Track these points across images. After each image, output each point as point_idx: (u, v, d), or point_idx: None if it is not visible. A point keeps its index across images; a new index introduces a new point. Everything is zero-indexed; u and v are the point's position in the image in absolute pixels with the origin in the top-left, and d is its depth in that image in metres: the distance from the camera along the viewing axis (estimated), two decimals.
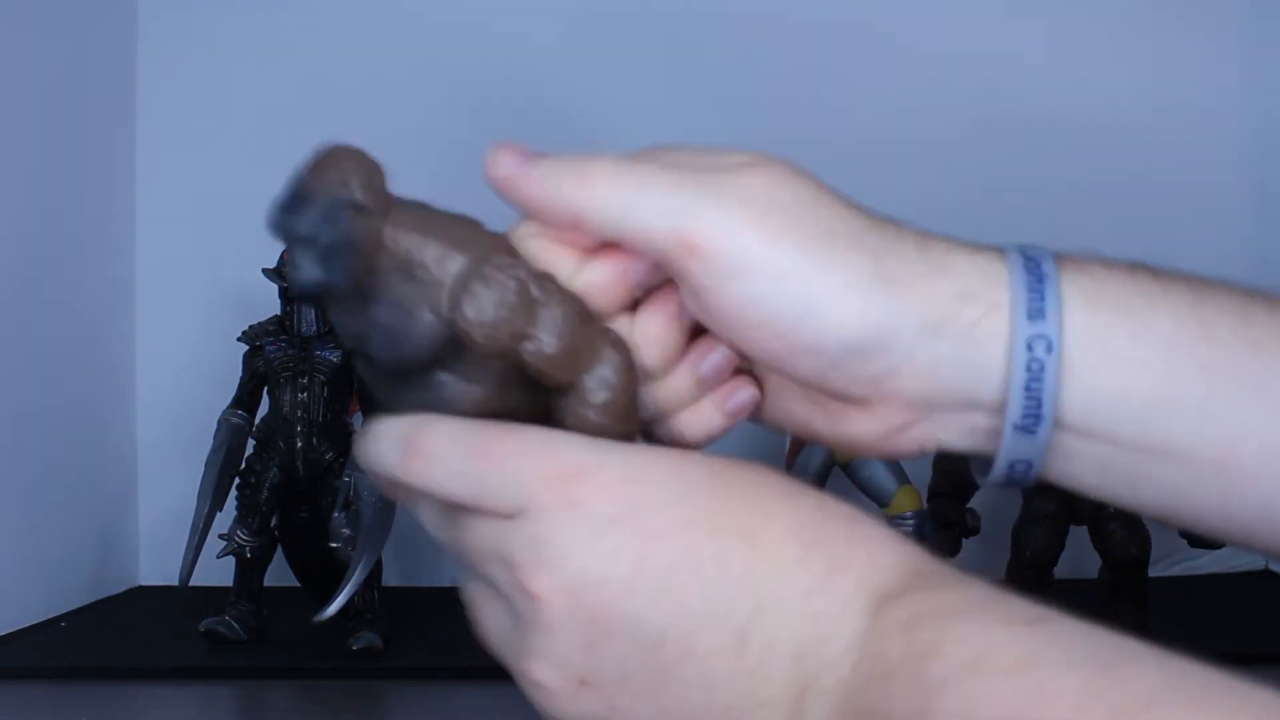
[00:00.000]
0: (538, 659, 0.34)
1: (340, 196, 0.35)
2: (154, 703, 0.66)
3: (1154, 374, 0.37)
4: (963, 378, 0.37)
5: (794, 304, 0.35)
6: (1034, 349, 0.36)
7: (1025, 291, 0.36)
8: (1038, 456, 0.37)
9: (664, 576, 0.33)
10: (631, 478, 0.34)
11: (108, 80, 0.94)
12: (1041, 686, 0.28)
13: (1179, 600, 0.83)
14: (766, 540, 0.34)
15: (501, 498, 0.34)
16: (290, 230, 0.36)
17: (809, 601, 0.33)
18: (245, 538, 0.75)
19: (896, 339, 0.36)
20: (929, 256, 0.36)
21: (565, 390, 0.36)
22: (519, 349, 0.35)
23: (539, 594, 0.34)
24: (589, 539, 0.34)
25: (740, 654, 0.33)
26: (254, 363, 0.77)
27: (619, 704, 0.34)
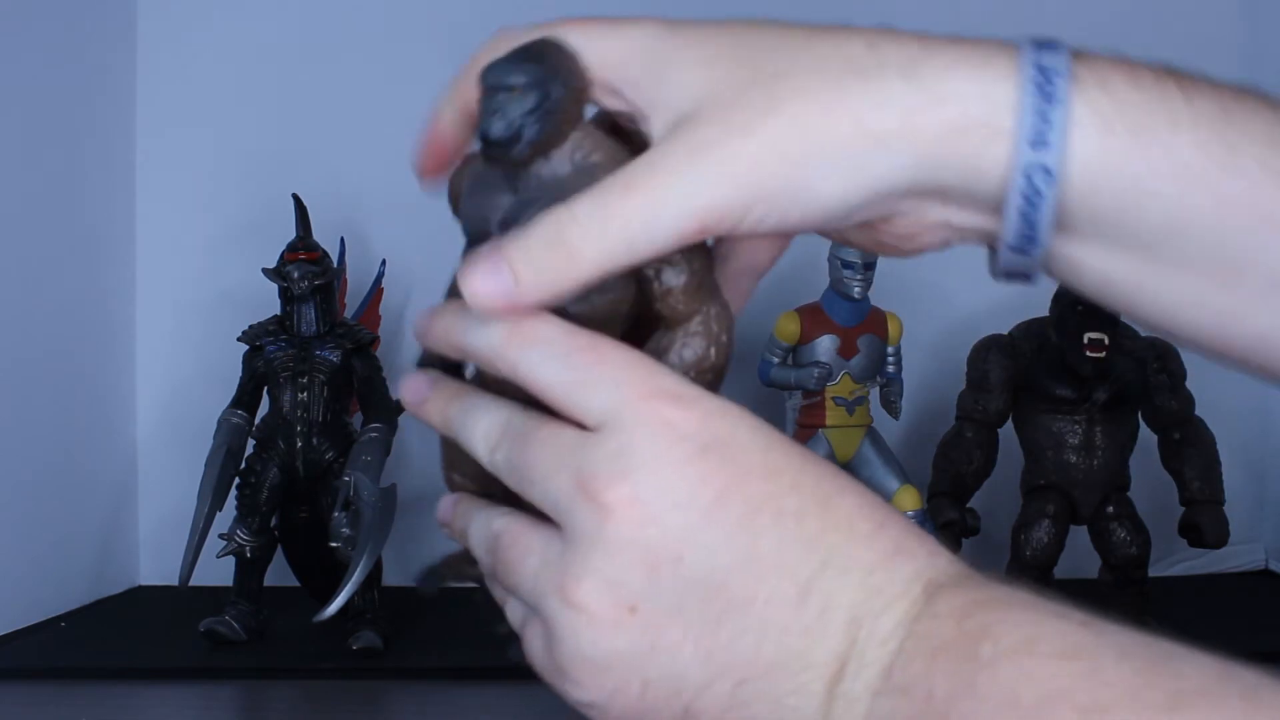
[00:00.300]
0: (588, 578, 0.33)
1: (566, 67, 0.36)
2: (154, 703, 0.66)
3: (1165, 203, 0.36)
4: (968, 195, 0.36)
5: (800, 209, 0.35)
6: (1033, 178, 0.35)
7: (1030, 116, 0.35)
8: (1034, 270, 0.38)
9: (745, 515, 0.33)
10: (726, 414, 0.34)
11: (108, 80, 0.94)
12: (1096, 672, 0.28)
13: (1179, 600, 0.83)
14: (841, 509, 0.34)
15: (595, 399, 0.34)
16: (505, 76, 0.36)
17: (872, 575, 0.33)
18: (245, 538, 0.75)
19: (896, 188, 0.36)
20: (921, 82, 0.35)
21: (671, 327, 0.37)
22: (658, 268, 0.36)
23: (613, 504, 0.33)
24: (678, 460, 0.33)
25: (799, 609, 0.33)
26: (254, 363, 0.77)
27: (662, 641, 0.33)
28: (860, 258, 0.71)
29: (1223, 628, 0.77)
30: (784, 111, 0.35)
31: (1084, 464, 0.76)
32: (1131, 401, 0.77)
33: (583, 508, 0.33)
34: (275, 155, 0.95)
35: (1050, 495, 0.76)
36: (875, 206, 0.37)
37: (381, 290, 0.90)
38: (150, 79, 0.96)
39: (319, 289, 0.76)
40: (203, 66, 0.96)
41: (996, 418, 0.78)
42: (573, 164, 0.36)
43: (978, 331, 0.81)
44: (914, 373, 0.91)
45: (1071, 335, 0.74)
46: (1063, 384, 0.76)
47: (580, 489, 0.33)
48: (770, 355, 0.72)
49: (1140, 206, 0.36)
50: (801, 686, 0.32)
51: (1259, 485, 0.93)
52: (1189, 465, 0.78)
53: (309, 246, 0.77)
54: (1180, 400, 0.78)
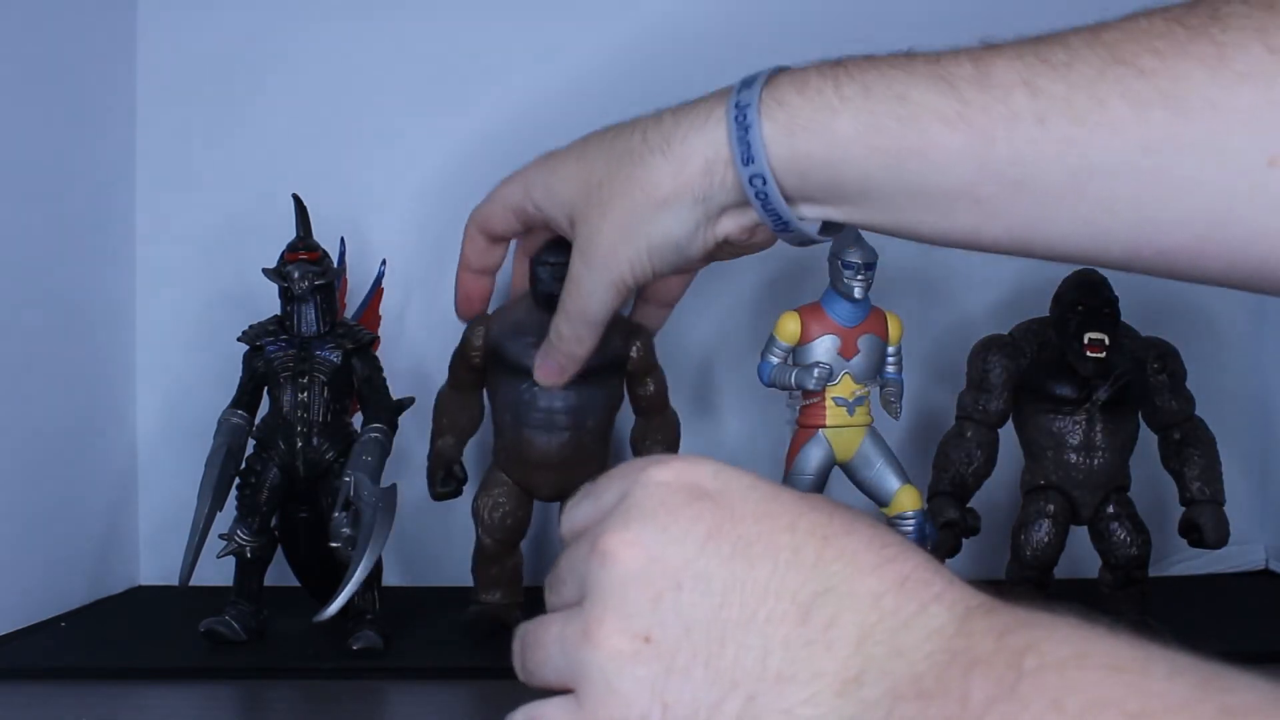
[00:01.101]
0: (606, 617, 0.36)
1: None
2: (154, 703, 0.66)
3: (850, 168, 0.52)
4: (740, 204, 0.56)
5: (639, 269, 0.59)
6: (755, 184, 0.54)
7: (737, 145, 0.53)
8: (807, 235, 0.57)
9: (739, 548, 0.36)
10: (720, 471, 0.38)
11: (108, 79, 0.94)
12: (1145, 683, 0.28)
13: (1179, 600, 0.84)
14: (843, 545, 0.36)
15: (606, 495, 0.40)
16: (551, 257, 0.71)
17: (881, 600, 0.34)
18: (245, 538, 0.75)
19: (697, 223, 0.57)
20: (673, 153, 0.55)
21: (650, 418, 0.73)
22: None
23: (616, 549, 0.36)
24: (673, 507, 0.37)
25: (802, 625, 0.34)
26: (254, 363, 0.77)
27: (676, 664, 0.35)
28: (861, 258, 0.70)
29: (1223, 628, 0.77)
30: (608, 210, 0.57)
31: (1084, 464, 0.76)
32: (1132, 401, 0.77)
33: (593, 562, 0.37)
34: (275, 155, 0.95)
35: (1050, 495, 0.76)
36: (700, 238, 0.57)
37: (381, 290, 0.90)
38: (150, 76, 0.96)
39: (319, 289, 0.76)
40: (203, 64, 0.96)
41: (997, 418, 0.78)
42: None
43: (978, 331, 0.81)
44: (914, 373, 0.91)
45: (1071, 335, 0.74)
46: (1063, 384, 0.76)
47: (592, 550, 0.37)
48: (770, 355, 0.72)
49: (836, 175, 0.53)
50: (813, 696, 0.33)
51: (1259, 485, 0.93)
52: (1189, 465, 0.78)
53: (309, 246, 0.77)
54: (1181, 400, 0.78)
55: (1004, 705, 0.29)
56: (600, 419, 0.75)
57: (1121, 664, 0.29)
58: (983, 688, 0.30)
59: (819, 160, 0.53)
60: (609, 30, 0.95)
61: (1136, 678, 0.29)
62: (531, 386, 0.73)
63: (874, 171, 0.52)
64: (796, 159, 0.53)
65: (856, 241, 0.70)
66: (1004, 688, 0.30)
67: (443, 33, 0.95)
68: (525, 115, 0.95)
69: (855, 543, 0.36)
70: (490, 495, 0.76)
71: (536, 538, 0.81)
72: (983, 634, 0.32)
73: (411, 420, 0.80)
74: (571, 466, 0.75)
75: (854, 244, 0.70)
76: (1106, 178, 0.48)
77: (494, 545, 0.76)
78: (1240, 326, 0.94)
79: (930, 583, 0.34)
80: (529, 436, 0.74)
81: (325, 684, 0.68)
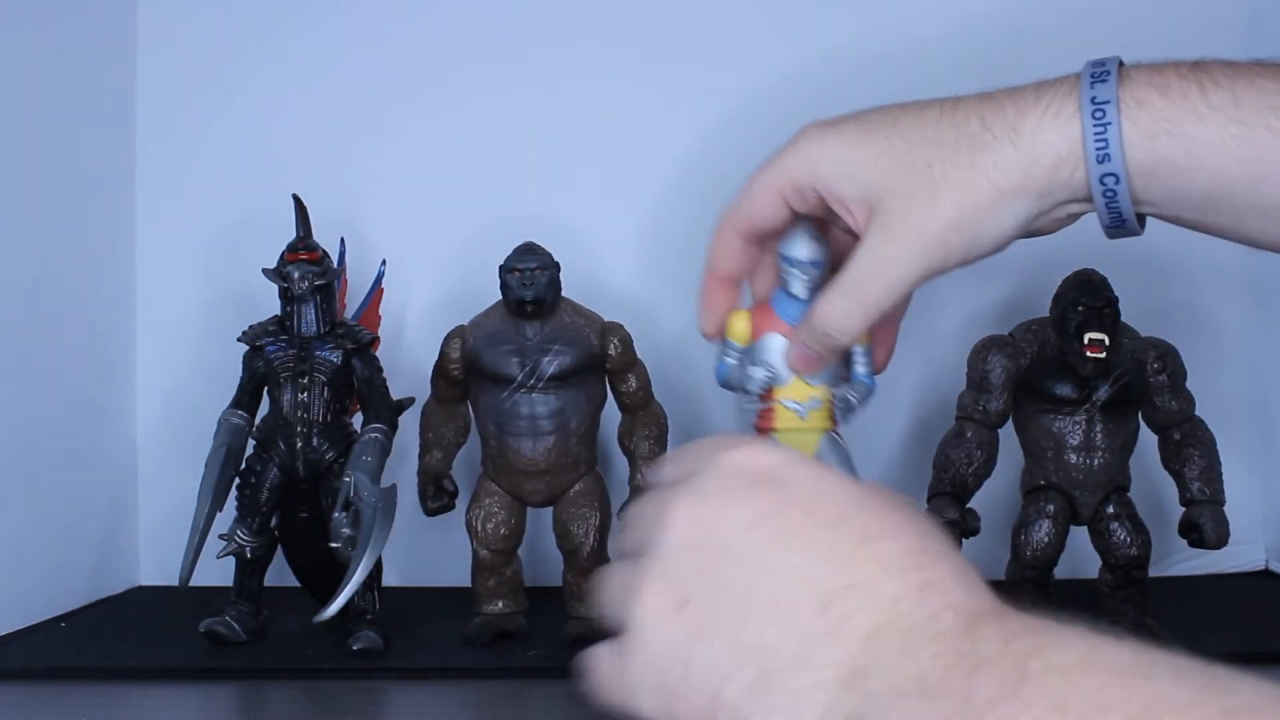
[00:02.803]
0: (654, 579, 0.39)
1: None
2: (154, 703, 0.66)
3: (1206, 175, 0.52)
4: (1076, 200, 0.55)
5: (975, 251, 0.57)
6: (1106, 183, 0.53)
7: (1093, 143, 0.52)
8: (1133, 231, 0.56)
9: (780, 534, 0.38)
10: (791, 462, 0.41)
11: (107, 78, 0.94)
12: (1148, 686, 0.29)
13: (1179, 600, 0.83)
14: (879, 549, 0.37)
15: (692, 467, 0.42)
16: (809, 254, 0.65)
17: (899, 603, 0.36)
18: (245, 538, 0.75)
19: (1030, 218, 0.55)
20: (1023, 144, 0.53)
21: None
22: None
23: (676, 519, 0.40)
24: (733, 488, 0.40)
25: (820, 615, 0.36)
26: (254, 363, 0.77)
27: (703, 631, 0.38)
28: (806, 255, 0.65)
29: (1223, 628, 0.77)
30: (943, 194, 0.55)
31: (1084, 464, 0.76)
32: (1132, 401, 0.77)
33: (656, 525, 0.41)
34: (275, 155, 0.95)
35: (1050, 495, 0.76)
36: (1020, 231, 0.56)
37: (381, 290, 0.90)
38: (150, 78, 0.96)
39: (319, 289, 0.76)
40: (203, 64, 0.96)
41: (997, 418, 0.78)
42: None
43: (978, 331, 0.81)
44: (914, 373, 0.91)
45: (1071, 335, 0.74)
46: (1063, 384, 0.76)
47: (658, 514, 0.41)
48: (725, 356, 0.66)
49: (1189, 181, 0.52)
50: (819, 682, 0.35)
51: (1259, 485, 0.93)
52: (1189, 465, 0.78)
53: (309, 246, 0.77)
54: (1181, 400, 0.78)
55: (1006, 706, 0.30)
56: (584, 421, 0.75)
57: (1125, 668, 0.30)
58: (986, 689, 0.31)
59: (1177, 166, 0.52)
60: (605, 31, 0.95)
61: (1140, 681, 0.29)
62: (513, 394, 0.73)
63: (1236, 183, 0.51)
64: (1153, 163, 0.52)
65: (803, 238, 0.64)
66: (1007, 690, 0.30)
67: (442, 33, 0.95)
68: (525, 116, 0.95)
69: (892, 547, 0.37)
70: (482, 506, 0.76)
71: (532, 542, 0.81)
72: (989, 638, 0.33)
73: (411, 420, 0.80)
74: (559, 471, 0.75)
75: (800, 240, 0.64)
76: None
77: (490, 556, 0.76)
78: (1240, 326, 0.94)
79: (949, 591, 0.36)
80: (514, 444, 0.74)
81: (325, 684, 0.68)
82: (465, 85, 0.95)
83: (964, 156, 0.54)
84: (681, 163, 0.93)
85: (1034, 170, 0.53)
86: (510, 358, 0.74)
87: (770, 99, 0.93)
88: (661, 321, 0.88)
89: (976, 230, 0.55)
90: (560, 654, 0.72)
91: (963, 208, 0.54)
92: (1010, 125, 0.54)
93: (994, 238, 0.55)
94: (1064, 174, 0.53)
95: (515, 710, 0.64)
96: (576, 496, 0.76)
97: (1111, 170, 0.52)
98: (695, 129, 0.94)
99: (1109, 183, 0.53)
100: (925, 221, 0.55)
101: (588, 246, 0.91)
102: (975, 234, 0.55)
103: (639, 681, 0.40)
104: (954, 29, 0.93)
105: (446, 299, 0.92)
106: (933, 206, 0.55)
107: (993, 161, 0.54)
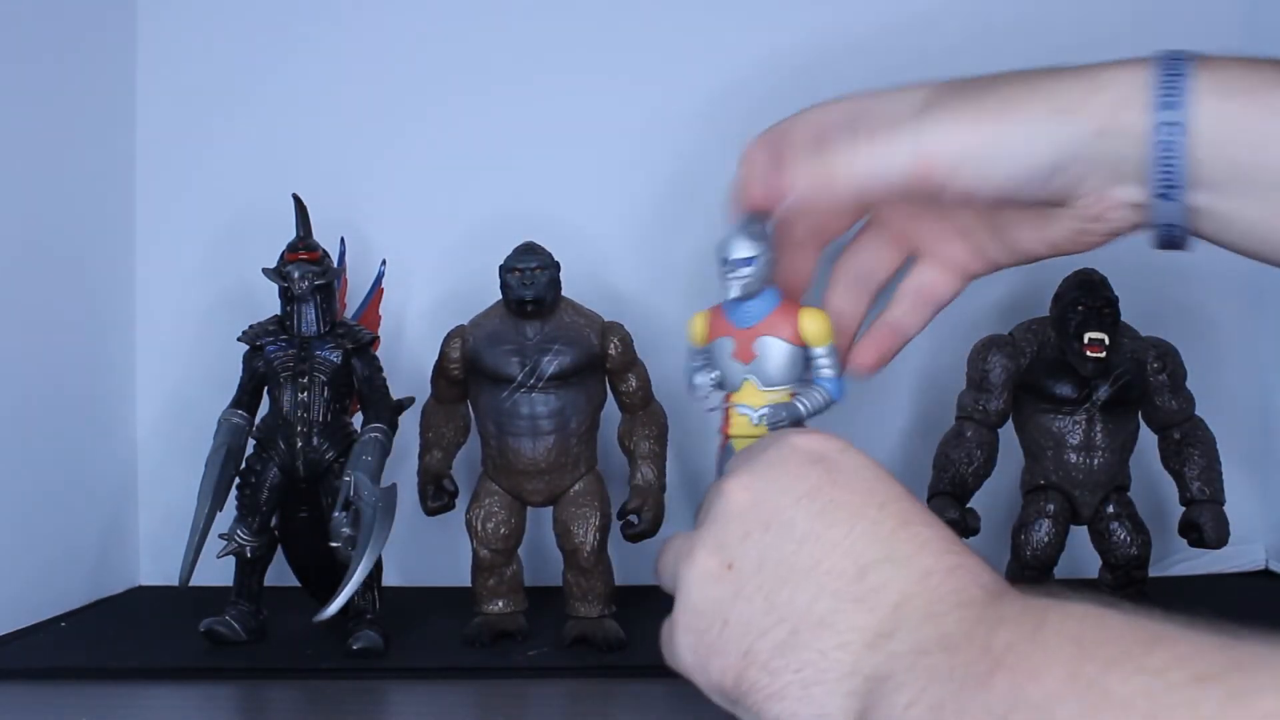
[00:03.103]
0: (705, 545, 0.43)
1: None
2: (154, 703, 0.66)
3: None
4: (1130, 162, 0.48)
5: (1008, 166, 0.49)
6: (1166, 132, 0.47)
7: (1160, 86, 0.47)
8: (1182, 219, 0.49)
9: (827, 507, 0.41)
10: (846, 449, 0.44)
11: (107, 77, 0.94)
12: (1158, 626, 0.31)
13: (1179, 600, 0.83)
14: (918, 532, 0.40)
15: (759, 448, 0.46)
16: None
17: (930, 577, 0.38)
18: (245, 538, 0.75)
19: (1079, 150, 0.49)
20: (1087, 76, 0.49)
21: None
22: None
23: (732, 489, 0.43)
24: (789, 463, 0.43)
25: (855, 583, 0.39)
26: (254, 363, 0.77)
27: (744, 591, 0.41)
28: (739, 252, 0.61)
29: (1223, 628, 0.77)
30: (989, 101, 0.50)
31: (1084, 464, 0.76)
32: (1132, 401, 0.77)
33: (714, 495, 0.44)
34: (275, 155, 0.95)
35: (1050, 495, 0.76)
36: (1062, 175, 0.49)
37: (381, 290, 0.90)
38: (150, 76, 0.96)
39: (319, 289, 0.76)
40: (203, 64, 0.96)
41: (997, 418, 0.78)
42: None
43: (978, 331, 0.81)
44: (913, 372, 0.91)
45: (1071, 335, 0.74)
46: (1063, 384, 0.76)
47: (718, 491, 0.44)
48: (691, 359, 0.64)
49: (1261, 155, 0.46)
50: (845, 643, 0.38)
51: (1259, 485, 0.93)
52: (1189, 465, 0.78)
53: (309, 246, 0.77)
54: (1181, 400, 0.78)
55: (1023, 646, 0.32)
56: (584, 420, 0.75)
57: (1137, 618, 0.32)
58: (1005, 637, 0.33)
59: (1248, 132, 0.46)
60: (605, 31, 0.95)
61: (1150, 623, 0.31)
62: (513, 394, 0.73)
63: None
64: (1226, 124, 0.47)
65: (736, 234, 0.61)
66: (1024, 634, 0.32)
67: (442, 33, 0.95)
68: (525, 116, 0.95)
69: (931, 533, 0.40)
70: (482, 506, 0.76)
71: (532, 542, 0.81)
72: (1010, 602, 0.35)
73: (411, 420, 0.80)
74: (559, 470, 0.75)
75: (733, 237, 0.60)
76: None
77: (490, 556, 0.76)
78: (1240, 326, 0.94)
79: (979, 574, 0.38)
80: (514, 444, 0.74)
81: (325, 684, 0.68)
82: (465, 85, 0.95)
83: (1022, 85, 0.50)
84: (682, 162, 0.93)
85: (1094, 98, 0.48)
86: (510, 357, 0.74)
87: (770, 98, 0.93)
88: (662, 321, 0.88)
89: (1012, 138, 0.49)
90: (560, 654, 0.72)
91: (1005, 112, 0.49)
92: (1075, 68, 0.50)
93: (1030, 156, 0.49)
94: (1125, 116, 0.47)
95: (515, 710, 0.64)
96: (576, 496, 0.76)
97: (1173, 118, 0.47)
98: (696, 129, 0.94)
99: (1169, 132, 0.47)
100: (958, 115, 0.50)
101: (588, 246, 0.91)
102: (1008, 143, 0.49)
103: (681, 638, 0.43)
104: (949, 18, 0.93)
105: (446, 299, 0.92)
106: (974, 106, 0.50)
107: (1051, 85, 0.49)
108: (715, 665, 0.41)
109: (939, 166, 0.49)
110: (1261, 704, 0.26)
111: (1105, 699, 0.28)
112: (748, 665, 0.40)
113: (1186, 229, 0.50)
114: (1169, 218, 0.49)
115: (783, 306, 0.62)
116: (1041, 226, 0.54)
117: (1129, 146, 0.48)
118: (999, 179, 0.50)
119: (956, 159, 0.49)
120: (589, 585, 0.75)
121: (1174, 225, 0.49)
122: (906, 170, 0.50)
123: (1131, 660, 0.29)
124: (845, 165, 0.51)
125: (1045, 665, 0.30)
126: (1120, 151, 0.48)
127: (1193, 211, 0.48)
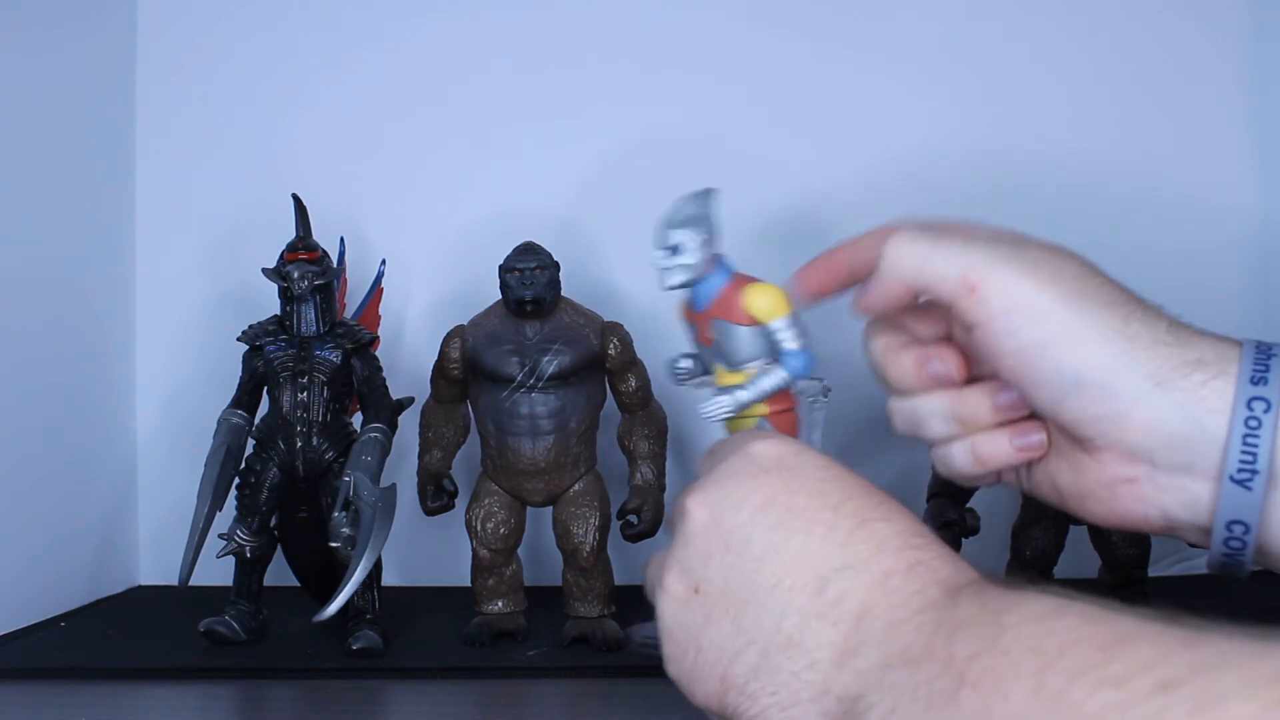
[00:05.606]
0: (674, 569, 0.42)
1: None
2: (154, 703, 0.66)
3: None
4: (1183, 435, 0.43)
5: (1042, 336, 0.44)
6: (1253, 408, 0.42)
7: (1251, 362, 0.43)
8: (1254, 515, 0.42)
9: (782, 519, 0.40)
10: (799, 451, 0.43)
11: (107, 77, 0.94)
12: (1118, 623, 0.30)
13: (1179, 600, 0.83)
14: (875, 531, 0.39)
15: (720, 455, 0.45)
16: None
17: (889, 579, 0.38)
18: (245, 538, 0.75)
19: (1124, 384, 0.43)
20: (1177, 333, 0.44)
21: None
22: None
23: (693, 509, 0.42)
24: (744, 475, 0.42)
25: (816, 596, 0.38)
26: (254, 363, 0.77)
27: (712, 615, 0.41)
28: (662, 241, 0.60)
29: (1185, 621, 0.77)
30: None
31: None
32: None
33: (678, 514, 0.44)
34: (275, 155, 0.95)
35: None
36: (1097, 398, 0.44)
37: (381, 290, 0.90)
38: (150, 76, 0.96)
39: (319, 289, 0.76)
40: (203, 64, 0.96)
41: None
42: None
43: None
44: None
45: None
46: None
47: (681, 507, 0.43)
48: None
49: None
50: (814, 663, 0.37)
51: None
52: None
53: (309, 246, 0.77)
54: None
55: (986, 658, 0.31)
56: (583, 420, 0.75)
57: (1093, 612, 0.31)
58: (966, 646, 0.32)
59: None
60: (605, 32, 0.95)
61: (1109, 616, 0.31)
62: (513, 394, 0.73)
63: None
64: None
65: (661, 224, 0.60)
66: (986, 643, 0.32)
67: (442, 34, 0.95)
68: (525, 116, 0.95)
69: (888, 530, 0.39)
70: (481, 505, 0.76)
71: (532, 542, 0.81)
72: (968, 603, 0.35)
73: (411, 420, 0.80)
74: (559, 470, 0.75)
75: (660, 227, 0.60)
76: None
77: (490, 556, 0.76)
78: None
79: (938, 569, 0.38)
80: (514, 444, 0.74)
81: (325, 684, 0.68)
82: (465, 85, 0.95)
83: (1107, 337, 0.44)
84: (682, 162, 0.93)
85: (1162, 350, 0.43)
86: (510, 357, 0.74)
87: (771, 100, 0.94)
88: (662, 321, 0.88)
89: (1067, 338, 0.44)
90: (560, 654, 0.72)
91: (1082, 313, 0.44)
92: (1168, 329, 0.44)
93: (1069, 359, 0.44)
94: (1196, 376, 0.42)
95: (515, 710, 0.64)
96: (576, 496, 0.76)
97: (1263, 395, 0.41)
98: (696, 128, 0.94)
99: (1257, 409, 0.42)
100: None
101: (588, 246, 0.91)
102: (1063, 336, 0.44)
103: (668, 663, 0.43)
104: (952, 18, 0.93)
105: (446, 299, 0.92)
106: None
107: (1142, 316, 0.44)
108: (699, 690, 0.41)
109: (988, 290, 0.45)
110: (1229, 710, 0.26)
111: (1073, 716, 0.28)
112: (726, 690, 0.40)
113: (1254, 528, 0.43)
114: (1238, 511, 0.43)
115: (730, 286, 0.61)
116: (1075, 463, 0.49)
117: (1191, 411, 0.42)
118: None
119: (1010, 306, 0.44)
120: (588, 585, 0.75)
121: (1240, 523, 0.43)
122: (957, 282, 0.45)
123: (1095, 669, 0.29)
124: (909, 250, 0.47)
125: (1010, 678, 0.30)
126: (1176, 414, 0.43)
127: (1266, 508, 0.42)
